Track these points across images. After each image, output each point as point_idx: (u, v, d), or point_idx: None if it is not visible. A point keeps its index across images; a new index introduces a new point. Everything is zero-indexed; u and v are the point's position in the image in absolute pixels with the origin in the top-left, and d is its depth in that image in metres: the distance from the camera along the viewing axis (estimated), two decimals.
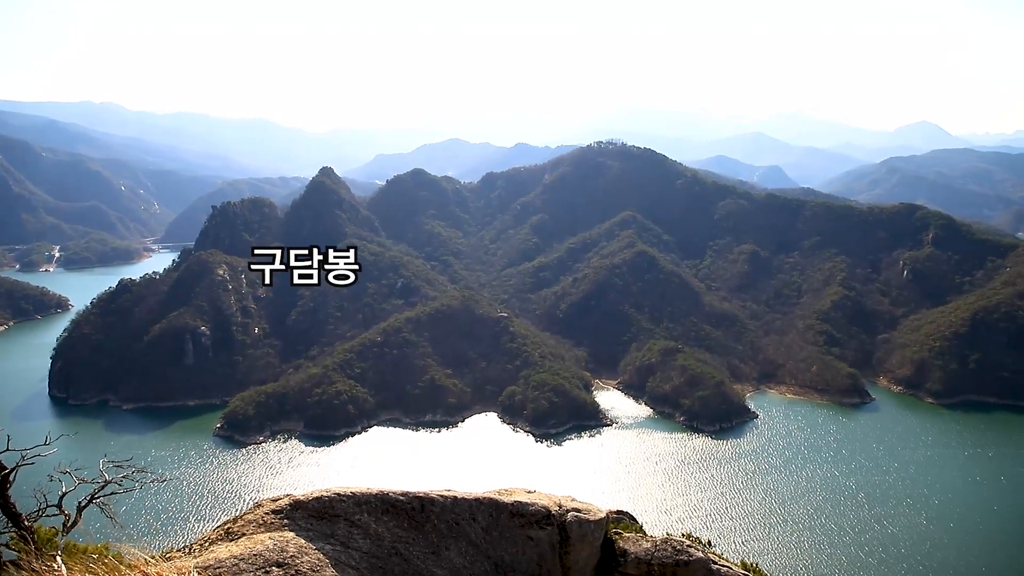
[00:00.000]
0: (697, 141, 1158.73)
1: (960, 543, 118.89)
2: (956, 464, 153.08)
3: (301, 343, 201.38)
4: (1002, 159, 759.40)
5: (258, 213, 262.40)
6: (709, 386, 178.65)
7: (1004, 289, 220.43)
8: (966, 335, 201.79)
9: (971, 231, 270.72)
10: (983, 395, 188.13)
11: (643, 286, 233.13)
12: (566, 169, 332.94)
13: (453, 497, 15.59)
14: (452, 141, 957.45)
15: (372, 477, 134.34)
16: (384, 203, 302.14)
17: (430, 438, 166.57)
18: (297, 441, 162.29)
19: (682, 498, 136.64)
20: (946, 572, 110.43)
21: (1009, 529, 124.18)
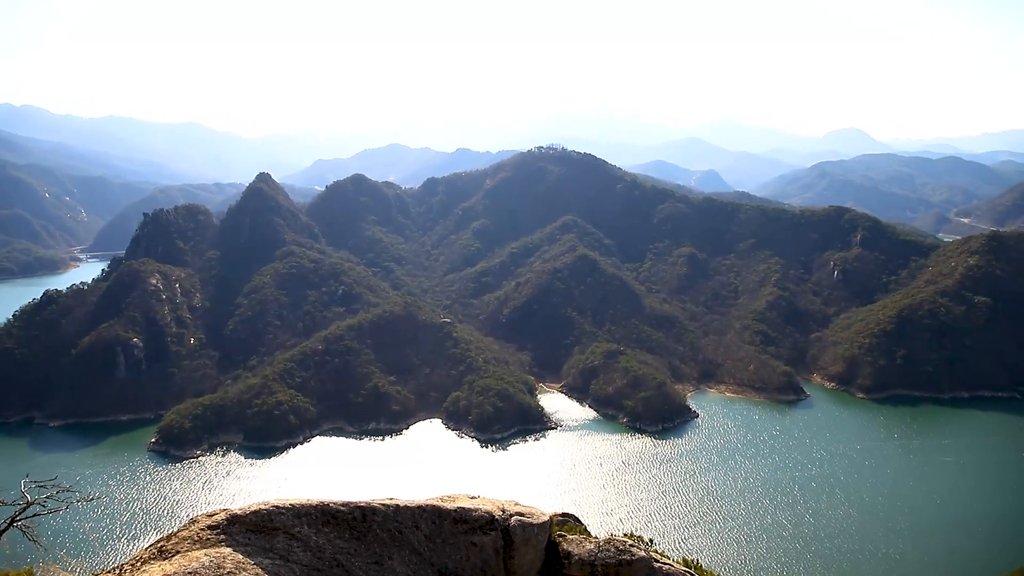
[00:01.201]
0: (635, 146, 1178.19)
1: (888, 531, 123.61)
2: (884, 456, 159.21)
3: (240, 353, 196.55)
4: (923, 164, 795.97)
5: (193, 220, 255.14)
6: (651, 387, 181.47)
7: (927, 287, 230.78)
8: (893, 332, 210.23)
9: (896, 232, 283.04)
10: (909, 389, 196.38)
11: (585, 289, 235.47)
12: (507, 174, 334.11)
13: (395, 505, 15.48)
14: (393, 146, 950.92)
15: (314, 488, 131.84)
16: (324, 209, 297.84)
17: (374, 446, 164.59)
18: (236, 454, 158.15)
19: (625, 498, 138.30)
20: (876, 559, 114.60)
21: (931, 515, 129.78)
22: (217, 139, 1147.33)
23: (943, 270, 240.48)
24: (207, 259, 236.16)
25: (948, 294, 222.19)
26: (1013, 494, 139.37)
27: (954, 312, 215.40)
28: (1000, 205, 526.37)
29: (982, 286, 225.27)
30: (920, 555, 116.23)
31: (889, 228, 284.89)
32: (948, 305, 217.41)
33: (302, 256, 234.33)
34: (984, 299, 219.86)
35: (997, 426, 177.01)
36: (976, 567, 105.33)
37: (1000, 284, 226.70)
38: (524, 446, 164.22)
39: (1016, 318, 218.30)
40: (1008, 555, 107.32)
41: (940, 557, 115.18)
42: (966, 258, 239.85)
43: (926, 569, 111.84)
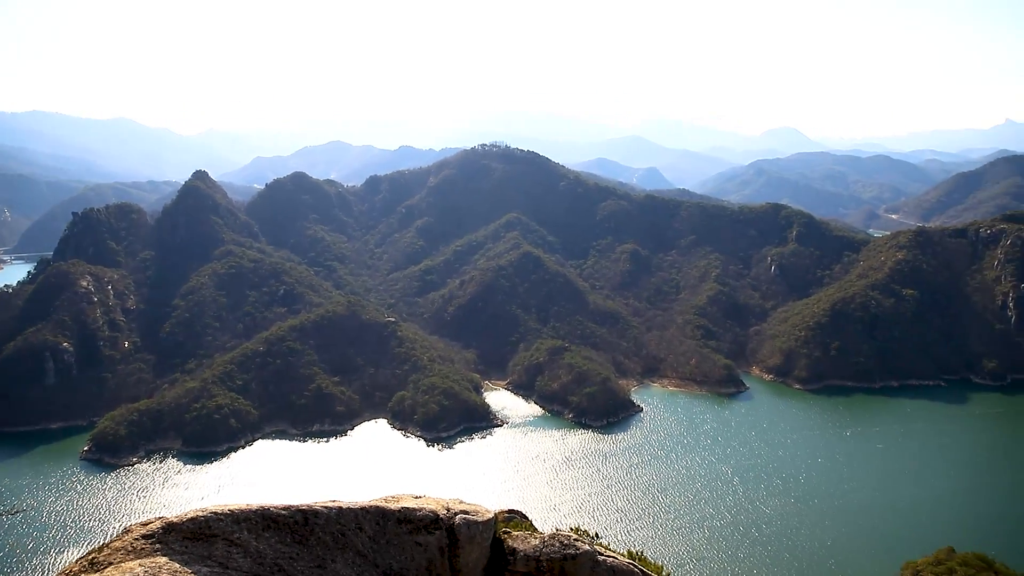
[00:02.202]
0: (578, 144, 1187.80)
1: (822, 517, 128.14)
2: (819, 444, 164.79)
3: (177, 356, 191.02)
4: (854, 162, 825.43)
5: (125, 220, 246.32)
6: (596, 382, 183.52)
7: (858, 281, 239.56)
8: (827, 325, 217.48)
9: (829, 228, 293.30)
10: (843, 379, 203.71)
11: (529, 287, 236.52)
12: (451, 171, 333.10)
13: (338, 508, 15.31)
14: (334, 144, 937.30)
15: (256, 493, 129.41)
16: (264, 208, 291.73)
17: (318, 448, 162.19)
18: (175, 460, 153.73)
19: (571, 493, 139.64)
20: (812, 544, 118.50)
21: (863, 500, 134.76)
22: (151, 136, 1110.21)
23: (873, 264, 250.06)
24: (141, 260, 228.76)
25: (878, 287, 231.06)
26: (937, 477, 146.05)
27: (884, 305, 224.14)
28: (926, 202, 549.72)
29: (909, 279, 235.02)
30: (852, 539, 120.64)
31: (823, 224, 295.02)
32: (878, 298, 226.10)
33: (241, 256, 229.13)
34: (911, 292, 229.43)
35: (924, 413, 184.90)
36: (905, 548, 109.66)
37: (926, 277, 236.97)
38: (470, 444, 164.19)
39: (940, 310, 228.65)
40: (934, 535, 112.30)
41: (871, 540, 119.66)
42: (895, 253, 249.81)
43: (858, 552, 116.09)
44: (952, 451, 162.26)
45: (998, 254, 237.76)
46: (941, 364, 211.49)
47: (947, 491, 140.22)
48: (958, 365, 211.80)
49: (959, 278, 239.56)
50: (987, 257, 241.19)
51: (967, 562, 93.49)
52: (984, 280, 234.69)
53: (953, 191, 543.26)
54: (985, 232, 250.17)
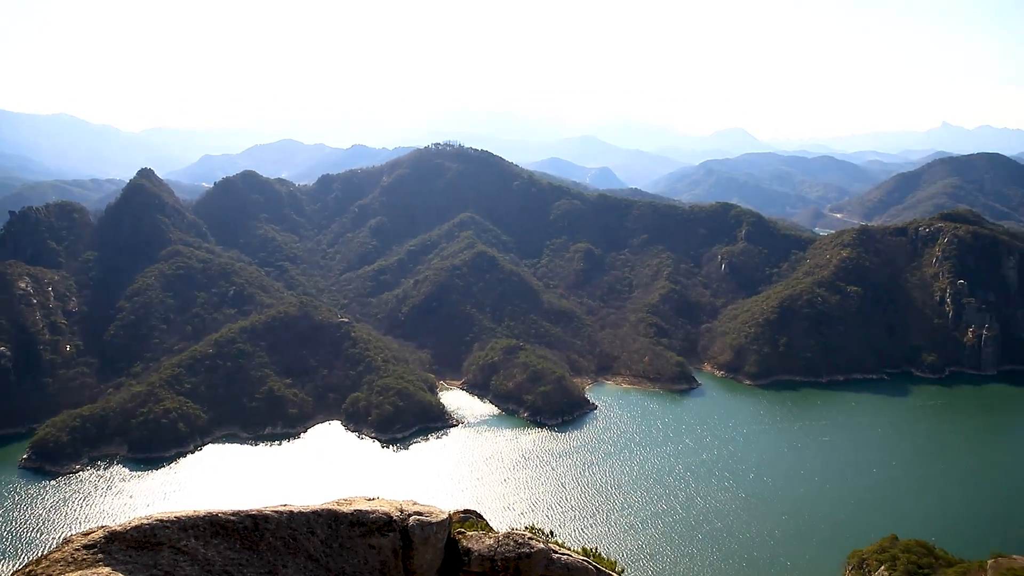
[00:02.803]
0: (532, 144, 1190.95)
1: (771, 508, 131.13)
2: (769, 438, 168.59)
3: (122, 359, 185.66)
4: (800, 162, 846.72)
5: (67, 219, 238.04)
6: (550, 381, 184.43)
7: (805, 279, 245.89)
8: (775, 321, 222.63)
9: (777, 227, 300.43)
10: (791, 375, 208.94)
11: (484, 286, 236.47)
12: (404, 171, 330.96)
13: (289, 512, 15.06)
14: (285, 142, 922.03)
15: (205, 499, 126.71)
16: (212, 207, 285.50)
17: (270, 452, 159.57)
18: (120, 466, 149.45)
19: (526, 492, 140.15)
20: (762, 536, 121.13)
21: (810, 491, 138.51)
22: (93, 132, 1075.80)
23: (819, 262, 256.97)
24: (84, 261, 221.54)
25: (824, 284, 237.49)
26: (881, 468, 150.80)
27: (830, 301, 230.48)
28: (868, 201, 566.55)
29: (854, 277, 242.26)
30: (800, 530, 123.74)
31: (771, 223, 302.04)
32: (824, 295, 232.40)
33: (189, 256, 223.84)
34: (856, 288, 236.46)
35: (868, 406, 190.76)
36: (851, 537, 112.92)
37: (869, 274, 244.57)
38: (426, 445, 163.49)
39: (883, 306, 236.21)
40: (879, 524, 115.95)
41: (819, 531, 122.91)
42: (839, 250, 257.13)
43: (806, 543, 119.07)
44: (894, 442, 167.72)
45: (936, 252, 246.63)
46: (884, 358, 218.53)
47: (890, 481, 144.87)
48: (900, 359, 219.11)
49: (900, 275, 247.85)
50: (926, 254, 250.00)
51: (910, 549, 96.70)
52: (923, 277, 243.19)
53: (894, 191, 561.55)
54: (924, 231, 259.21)
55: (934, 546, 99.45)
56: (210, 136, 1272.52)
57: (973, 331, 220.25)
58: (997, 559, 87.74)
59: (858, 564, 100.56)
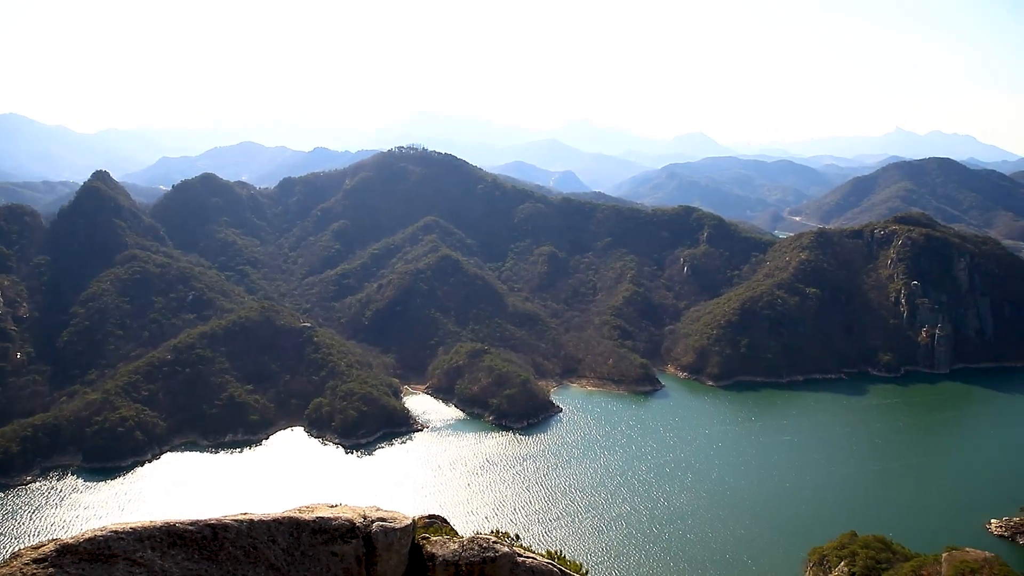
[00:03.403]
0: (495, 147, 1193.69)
1: (733, 508, 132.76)
2: (731, 438, 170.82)
3: (76, 367, 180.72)
4: (760, 166, 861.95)
5: (17, 222, 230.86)
6: (515, 384, 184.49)
7: (765, 281, 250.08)
8: (737, 323, 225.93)
9: (738, 230, 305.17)
10: (752, 376, 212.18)
11: (448, 290, 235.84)
12: (367, 174, 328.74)
13: (249, 520, 14.80)
14: (245, 144, 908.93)
15: (163, 509, 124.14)
16: (171, 210, 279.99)
17: (231, 459, 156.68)
18: (74, 477, 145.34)
19: (492, 495, 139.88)
20: (725, 535, 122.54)
21: (772, 490, 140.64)
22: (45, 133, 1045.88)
23: (779, 264, 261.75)
24: (35, 265, 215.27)
25: (784, 286, 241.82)
26: (840, 466, 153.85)
27: (789, 303, 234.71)
28: (826, 204, 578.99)
29: (812, 278, 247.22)
30: (762, 528, 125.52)
31: (732, 226, 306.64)
32: (784, 297, 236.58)
33: (146, 260, 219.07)
34: (814, 290, 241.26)
35: (826, 405, 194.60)
36: (812, 534, 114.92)
37: (827, 276, 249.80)
38: (390, 450, 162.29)
39: (840, 307, 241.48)
40: (838, 520, 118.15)
41: (780, 528, 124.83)
42: (798, 253, 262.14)
43: (768, 540, 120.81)
44: (852, 440, 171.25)
45: (891, 254, 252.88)
46: (842, 358, 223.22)
47: (849, 478, 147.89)
48: (857, 359, 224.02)
49: (857, 276, 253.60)
50: (881, 256, 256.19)
51: (868, 544, 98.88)
52: (879, 278, 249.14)
53: (850, 194, 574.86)
54: (879, 233, 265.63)
55: (891, 541, 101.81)
56: (168, 138, 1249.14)
57: (927, 331, 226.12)
58: (951, 552, 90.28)
59: (819, 561, 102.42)
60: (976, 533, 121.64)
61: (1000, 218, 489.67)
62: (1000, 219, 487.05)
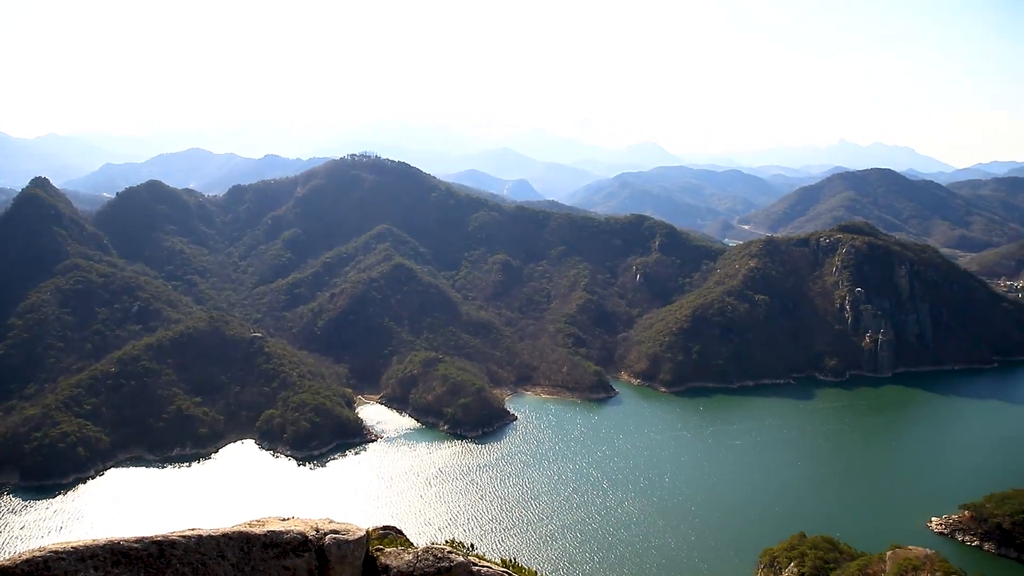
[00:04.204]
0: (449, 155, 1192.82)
1: (685, 512, 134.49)
2: (683, 444, 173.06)
3: (13, 381, 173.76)
4: (710, 176, 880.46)
5: None
6: (470, 393, 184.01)
7: (716, 288, 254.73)
8: (689, 330, 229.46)
9: (689, 238, 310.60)
10: (704, 381, 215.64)
11: (402, 298, 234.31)
12: (319, 181, 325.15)
13: (198, 536, 14.48)
14: (193, 151, 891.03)
15: (106, 527, 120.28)
16: (115, 218, 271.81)
17: (179, 474, 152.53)
18: (12, 496, 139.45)
19: (446, 505, 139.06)
20: (677, 540, 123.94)
21: (722, 494, 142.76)
22: None
23: (729, 272, 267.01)
24: None
25: (734, 294, 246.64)
26: (789, 469, 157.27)
27: (739, 310, 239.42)
28: (774, 213, 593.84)
29: (761, 285, 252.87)
30: (714, 531, 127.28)
31: (683, 235, 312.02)
32: (734, 304, 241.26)
33: (89, 270, 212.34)
34: (763, 297, 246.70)
35: (776, 410, 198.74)
36: (763, 537, 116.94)
37: (775, 283, 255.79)
38: (344, 461, 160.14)
39: (788, 313, 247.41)
40: (788, 522, 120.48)
41: (732, 532, 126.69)
42: (747, 261, 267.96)
43: (720, 544, 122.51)
44: (800, 443, 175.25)
45: (836, 261, 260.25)
46: (790, 363, 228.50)
47: (798, 480, 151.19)
48: (804, 364, 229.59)
49: (804, 283, 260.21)
50: (827, 264, 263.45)
51: (817, 545, 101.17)
52: (825, 285, 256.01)
53: (797, 203, 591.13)
54: (824, 241, 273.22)
55: (838, 541, 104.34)
56: (111, 143, 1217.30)
57: (870, 336, 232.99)
58: (894, 550, 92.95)
59: (769, 562, 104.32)
60: (918, 531, 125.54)
61: (937, 227, 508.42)
62: (937, 228, 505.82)
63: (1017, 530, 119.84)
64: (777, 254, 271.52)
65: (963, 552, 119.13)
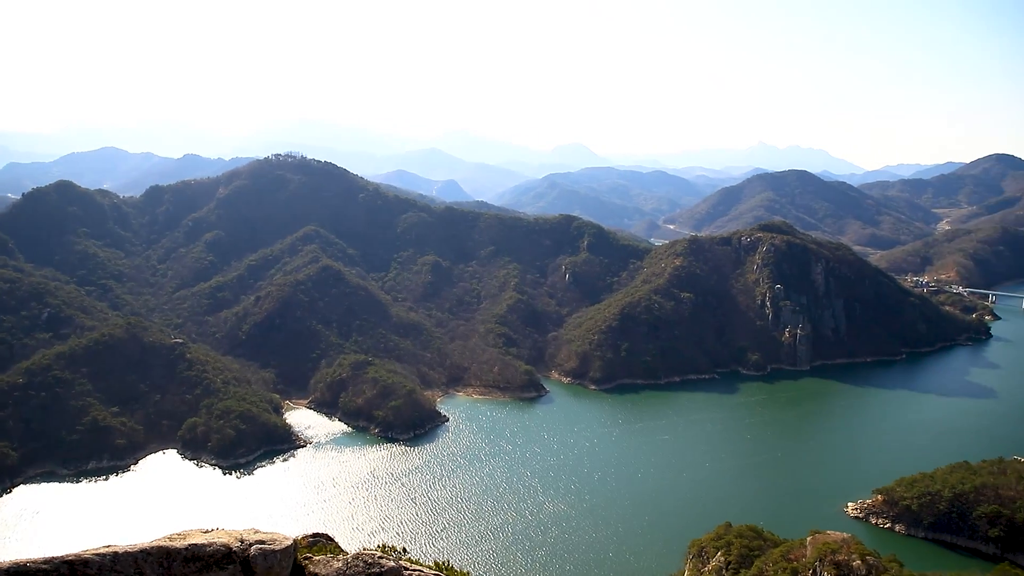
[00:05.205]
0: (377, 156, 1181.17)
1: (616, 508, 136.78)
2: (612, 441, 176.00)
3: None
4: (636, 177, 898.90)
5: None
6: (401, 395, 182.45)
7: (643, 286, 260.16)
8: (617, 328, 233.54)
9: (616, 238, 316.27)
10: (632, 378, 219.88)
11: (330, 301, 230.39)
12: (243, 182, 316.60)
13: (113, 553, 13.91)
14: (107, 150, 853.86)
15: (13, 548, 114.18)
16: (21, 220, 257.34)
17: (95, 489, 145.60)
18: None
19: (377, 510, 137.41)
20: (607, 535, 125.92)
21: (652, 488, 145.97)
22: None
23: (655, 271, 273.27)
24: None
25: (660, 292, 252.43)
26: (714, 461, 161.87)
27: (665, 307, 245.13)
28: (697, 213, 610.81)
29: (686, 283, 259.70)
30: (644, 525, 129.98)
31: (611, 234, 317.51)
32: (660, 301, 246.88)
33: None
34: (688, 294, 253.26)
35: (701, 404, 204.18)
36: (691, 528, 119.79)
37: (699, 281, 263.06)
38: (271, 468, 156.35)
39: (712, 310, 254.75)
40: (715, 513, 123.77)
41: (661, 524, 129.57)
42: (673, 259, 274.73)
43: (649, 537, 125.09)
44: (725, 436, 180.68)
45: (756, 259, 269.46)
46: (715, 359, 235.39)
47: (724, 472, 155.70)
48: (728, 359, 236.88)
49: (726, 281, 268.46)
50: (748, 262, 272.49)
51: (742, 534, 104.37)
52: (746, 283, 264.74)
53: (719, 204, 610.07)
54: (746, 240, 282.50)
55: (762, 529, 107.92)
56: (17, 142, 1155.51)
57: (789, 331, 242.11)
58: (814, 535, 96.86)
59: (697, 552, 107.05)
60: (836, 516, 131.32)
61: (850, 226, 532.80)
62: (850, 227, 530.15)
63: (924, 511, 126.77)
64: (701, 253, 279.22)
65: (877, 534, 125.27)
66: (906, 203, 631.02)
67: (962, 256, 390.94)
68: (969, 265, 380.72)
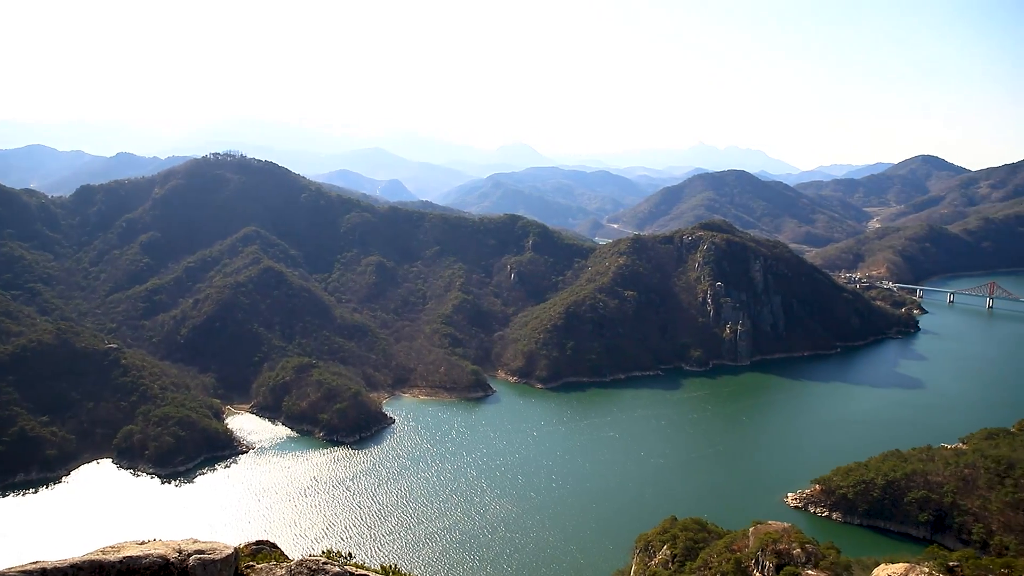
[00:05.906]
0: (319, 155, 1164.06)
1: (563, 505, 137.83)
2: (559, 439, 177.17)
3: None
4: (580, 176, 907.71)
5: None
6: (346, 398, 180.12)
7: (588, 285, 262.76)
8: (562, 326, 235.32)
9: (561, 238, 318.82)
10: (578, 376, 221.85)
11: (272, 303, 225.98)
12: (179, 182, 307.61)
13: (41, 569, 13.32)
14: (33, 147, 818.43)
15: None
16: None
17: (22, 503, 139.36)
18: None
19: (322, 515, 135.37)
20: (554, 533, 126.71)
21: (598, 484, 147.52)
22: None
23: (600, 269, 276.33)
24: None
25: (604, 290, 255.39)
26: (659, 456, 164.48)
27: (610, 306, 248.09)
28: (640, 212, 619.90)
29: (630, 282, 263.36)
30: (590, 522, 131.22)
31: (555, 234, 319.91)
32: (605, 300, 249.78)
33: None
34: (632, 293, 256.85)
35: (645, 400, 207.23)
36: (637, 523, 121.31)
37: (643, 279, 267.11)
38: (213, 476, 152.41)
39: (655, 308, 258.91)
40: (660, 507, 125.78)
41: (607, 521, 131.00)
42: (617, 258, 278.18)
43: (595, 534, 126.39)
44: (669, 432, 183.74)
45: (698, 257, 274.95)
46: (658, 355, 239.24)
47: (668, 467, 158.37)
48: (672, 355, 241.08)
49: (669, 279, 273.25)
50: (690, 260, 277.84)
51: (687, 527, 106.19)
52: (688, 280, 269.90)
53: (661, 203, 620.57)
54: (687, 239, 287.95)
55: (706, 522, 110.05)
56: None
57: (730, 327, 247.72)
58: (756, 526, 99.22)
59: (644, 547, 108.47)
60: (777, 507, 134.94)
61: (786, 224, 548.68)
62: (786, 225, 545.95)
63: (859, 499, 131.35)
64: (644, 251, 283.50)
65: (815, 522, 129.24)
66: (839, 202, 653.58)
67: (892, 253, 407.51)
68: (898, 261, 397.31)
